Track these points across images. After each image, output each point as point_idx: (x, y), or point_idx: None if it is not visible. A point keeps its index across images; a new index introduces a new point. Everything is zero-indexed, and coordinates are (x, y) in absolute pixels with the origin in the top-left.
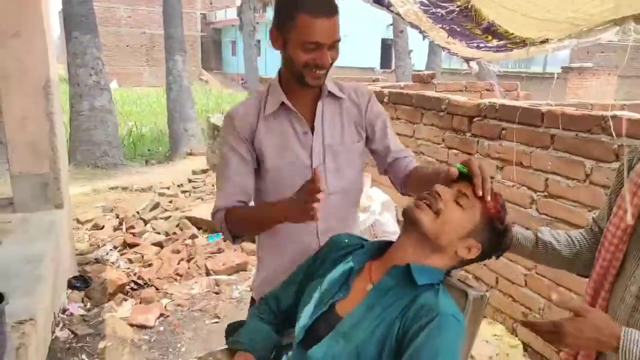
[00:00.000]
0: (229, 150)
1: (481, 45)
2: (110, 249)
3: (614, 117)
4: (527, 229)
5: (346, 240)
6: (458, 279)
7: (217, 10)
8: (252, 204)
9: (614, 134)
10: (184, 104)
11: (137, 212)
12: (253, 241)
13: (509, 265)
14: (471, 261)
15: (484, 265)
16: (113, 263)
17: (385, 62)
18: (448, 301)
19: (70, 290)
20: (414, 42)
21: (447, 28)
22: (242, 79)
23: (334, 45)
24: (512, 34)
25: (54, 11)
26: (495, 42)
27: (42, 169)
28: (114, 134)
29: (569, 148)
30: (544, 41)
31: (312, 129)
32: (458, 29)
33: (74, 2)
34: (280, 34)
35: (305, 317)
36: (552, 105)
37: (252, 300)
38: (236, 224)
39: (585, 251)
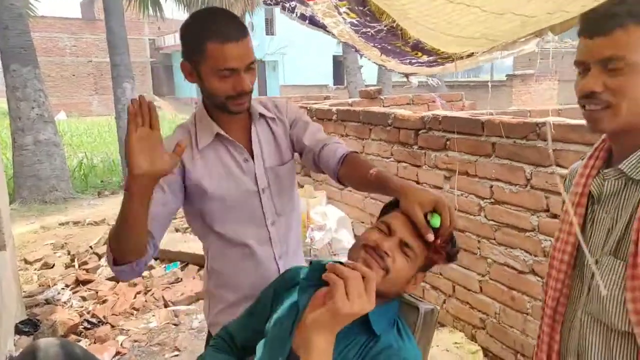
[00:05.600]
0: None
1: (413, 61)
2: (62, 288)
3: (543, 123)
4: (479, 239)
5: (299, 274)
6: (409, 294)
7: (165, 36)
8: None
9: (548, 140)
10: None
11: (90, 247)
12: None
13: (464, 273)
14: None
15: (441, 274)
16: (65, 303)
17: (337, 78)
18: (410, 343)
19: (17, 336)
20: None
21: (379, 46)
22: (195, 102)
23: (250, 68)
24: (439, 50)
25: None
26: (425, 58)
27: None
28: (61, 167)
29: (510, 155)
30: (470, 55)
31: (252, 155)
32: (389, 47)
33: (10, 35)
34: (193, 66)
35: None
36: (492, 115)
37: (209, 334)
38: (113, 239)
39: None
